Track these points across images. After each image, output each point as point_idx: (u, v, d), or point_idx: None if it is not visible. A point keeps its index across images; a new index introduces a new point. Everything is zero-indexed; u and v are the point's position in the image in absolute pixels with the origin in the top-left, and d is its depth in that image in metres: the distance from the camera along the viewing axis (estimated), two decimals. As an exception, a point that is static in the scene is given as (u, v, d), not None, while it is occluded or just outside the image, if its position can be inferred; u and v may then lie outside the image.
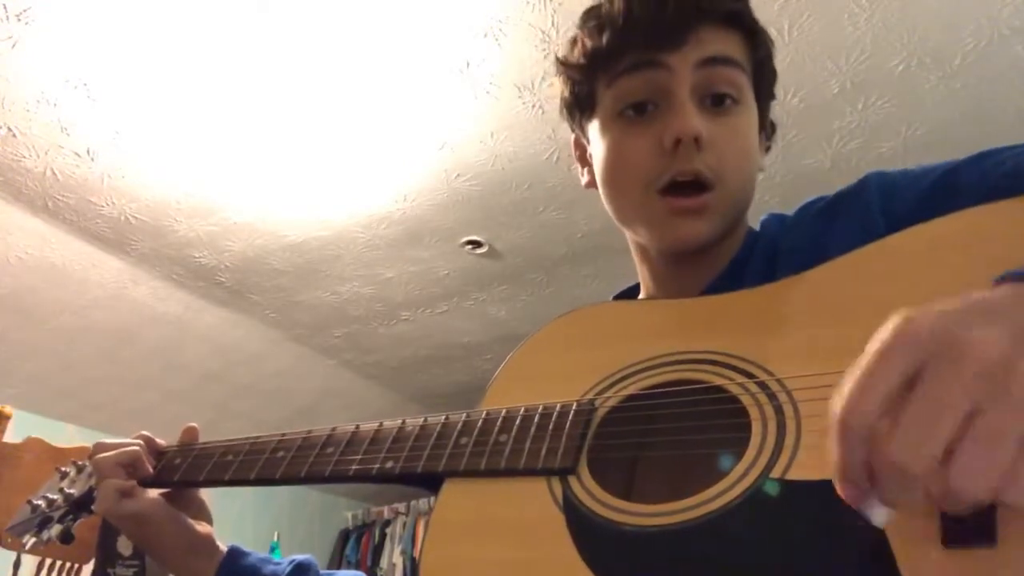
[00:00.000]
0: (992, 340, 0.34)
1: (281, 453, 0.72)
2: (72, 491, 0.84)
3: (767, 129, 0.77)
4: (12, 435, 1.75)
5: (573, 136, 0.81)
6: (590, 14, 0.73)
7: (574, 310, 0.71)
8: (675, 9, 0.67)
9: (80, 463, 0.88)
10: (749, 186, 0.72)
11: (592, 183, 0.78)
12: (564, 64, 0.76)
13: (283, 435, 0.73)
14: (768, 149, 0.79)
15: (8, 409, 1.73)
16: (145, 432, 0.83)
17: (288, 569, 0.80)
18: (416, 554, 4.74)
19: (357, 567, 4.90)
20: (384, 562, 4.87)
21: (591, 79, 0.73)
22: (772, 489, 0.47)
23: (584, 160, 0.80)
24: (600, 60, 0.71)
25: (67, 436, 3.70)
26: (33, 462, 1.72)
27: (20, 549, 0.85)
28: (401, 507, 5.10)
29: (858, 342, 0.40)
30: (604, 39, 0.70)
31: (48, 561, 1.73)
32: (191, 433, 0.83)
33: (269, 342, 3.82)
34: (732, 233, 0.74)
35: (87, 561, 1.77)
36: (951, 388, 0.34)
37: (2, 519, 1.66)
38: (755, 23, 0.73)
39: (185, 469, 0.77)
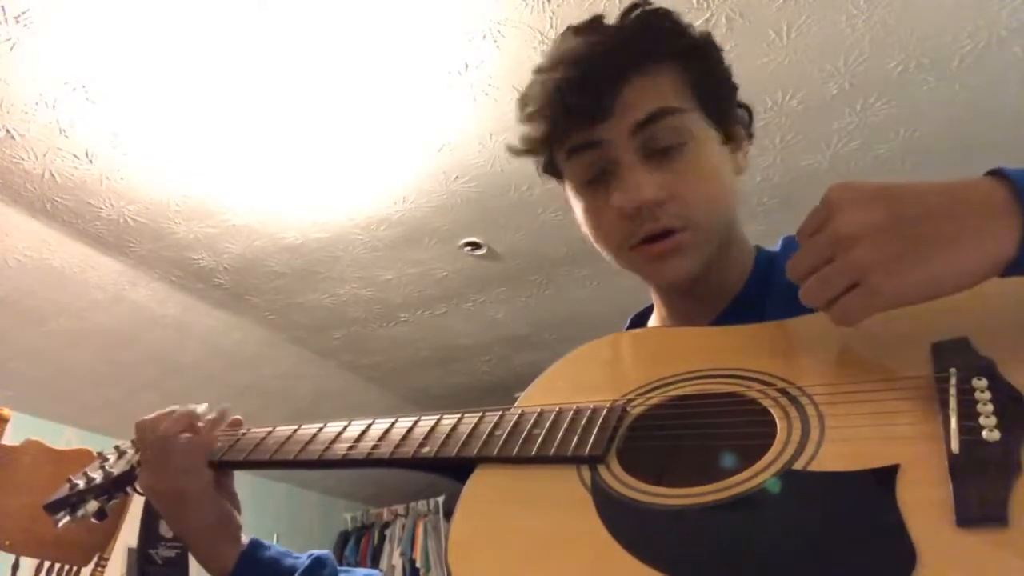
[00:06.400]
0: (853, 221, 0.50)
1: (321, 439, 0.75)
2: (113, 470, 0.87)
3: (736, 129, 0.76)
4: (10, 438, 1.74)
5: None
6: (524, 101, 0.75)
7: (600, 339, 0.74)
8: (596, 86, 0.68)
9: (122, 447, 0.91)
10: (725, 210, 0.74)
11: None
12: (518, 152, 0.78)
13: (323, 424, 0.77)
14: (748, 140, 0.77)
15: (7, 412, 1.73)
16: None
17: (307, 563, 0.82)
18: (415, 556, 4.76)
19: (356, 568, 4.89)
20: (383, 564, 4.86)
21: (547, 155, 0.76)
22: (795, 478, 0.49)
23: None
24: (545, 146, 0.75)
25: (66, 439, 3.69)
26: (31, 465, 1.72)
27: (54, 524, 0.86)
28: (400, 509, 5.10)
29: (874, 362, 0.51)
30: (541, 130, 0.73)
31: (47, 564, 1.72)
32: (235, 423, 0.86)
33: (268, 344, 3.82)
34: (728, 255, 0.75)
35: (86, 563, 1.76)
36: (818, 242, 0.52)
37: (0, 521, 1.66)
38: (683, 42, 0.73)
39: (227, 451, 0.81)
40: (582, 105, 0.69)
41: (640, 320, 0.86)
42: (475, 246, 3.15)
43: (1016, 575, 0.39)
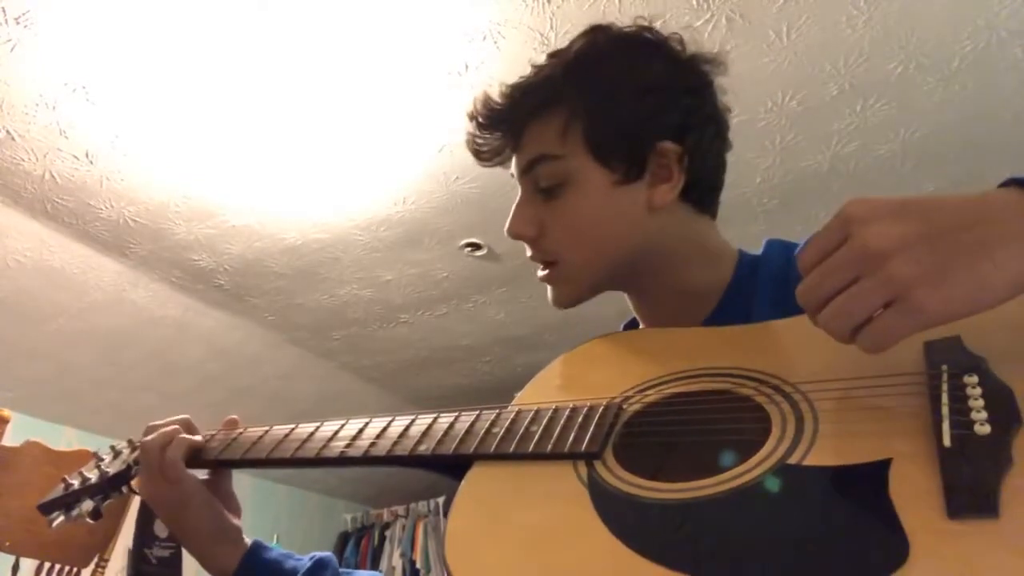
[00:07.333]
0: (884, 234, 0.46)
1: (318, 438, 0.75)
2: (108, 470, 0.86)
3: (642, 168, 0.75)
4: (10, 439, 1.74)
5: None
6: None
7: (596, 338, 0.75)
8: (501, 132, 0.80)
9: (118, 447, 0.90)
10: (601, 247, 0.77)
11: None
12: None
13: (320, 423, 0.77)
14: (675, 176, 0.76)
15: (7, 412, 1.73)
16: (186, 415, 0.86)
17: (309, 565, 0.82)
18: (416, 557, 4.76)
19: (357, 569, 4.89)
20: (383, 565, 4.86)
21: None
22: (789, 472, 0.50)
23: None
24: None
25: (66, 439, 3.70)
26: (31, 465, 1.71)
27: (49, 524, 0.86)
28: (400, 510, 5.10)
29: (867, 359, 0.50)
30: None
31: (47, 565, 1.72)
32: (231, 423, 0.86)
33: (268, 345, 3.82)
34: (680, 271, 0.78)
35: (87, 564, 1.76)
36: (841, 261, 0.48)
37: (1, 522, 1.66)
38: (572, 90, 0.76)
39: (222, 451, 0.80)
40: (484, 149, 0.82)
41: (634, 325, 0.87)
42: (475, 247, 3.15)
43: (1006, 564, 0.39)
